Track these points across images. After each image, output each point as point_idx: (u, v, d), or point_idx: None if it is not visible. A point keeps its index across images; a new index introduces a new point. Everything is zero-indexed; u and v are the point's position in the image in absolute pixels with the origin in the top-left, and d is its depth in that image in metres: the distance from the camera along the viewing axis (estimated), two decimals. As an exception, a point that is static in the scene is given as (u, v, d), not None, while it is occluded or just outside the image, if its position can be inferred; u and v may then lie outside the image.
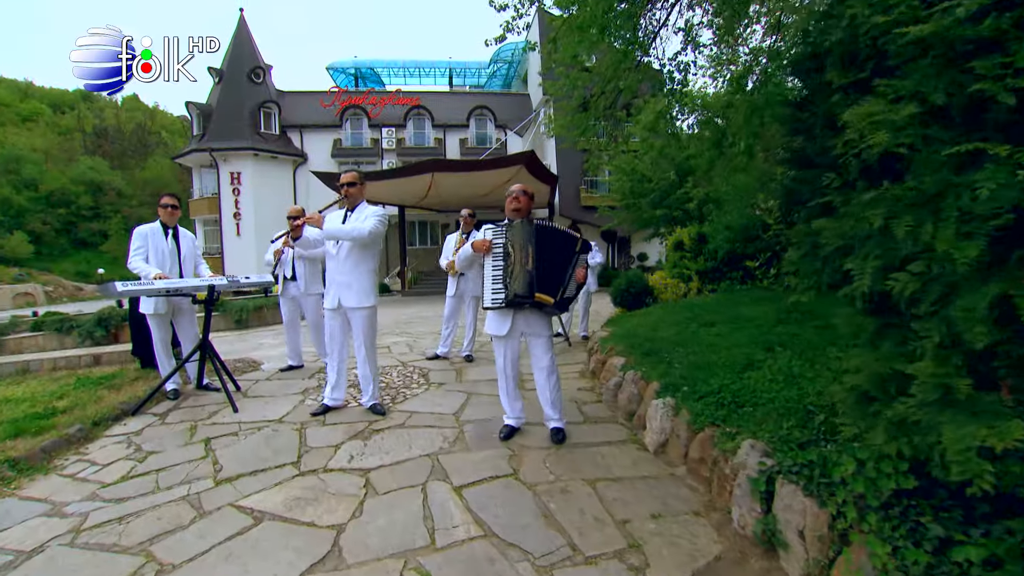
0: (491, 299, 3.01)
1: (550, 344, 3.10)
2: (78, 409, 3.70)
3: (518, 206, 3.07)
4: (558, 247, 2.98)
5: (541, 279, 2.90)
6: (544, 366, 3.08)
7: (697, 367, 3.14)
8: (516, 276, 2.92)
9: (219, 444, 3.14)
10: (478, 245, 3.09)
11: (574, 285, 2.96)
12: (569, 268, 2.96)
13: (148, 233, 4.06)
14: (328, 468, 2.73)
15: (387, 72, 29.22)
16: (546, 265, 2.92)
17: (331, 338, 3.66)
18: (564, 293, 2.94)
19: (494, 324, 3.13)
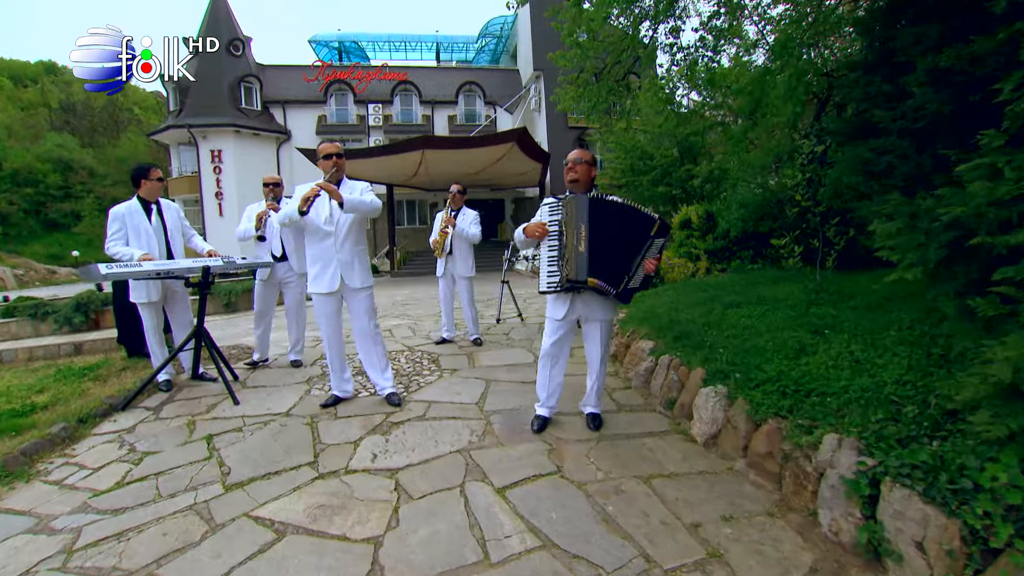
0: (546, 283, 2.73)
1: (608, 330, 2.87)
2: (61, 404, 3.36)
3: (575, 176, 2.75)
4: (622, 226, 2.63)
5: (597, 262, 2.59)
6: (599, 353, 2.85)
7: (744, 352, 2.91)
8: (569, 259, 2.63)
9: (223, 442, 2.84)
10: (531, 230, 2.75)
11: (641, 275, 2.63)
12: (638, 255, 2.62)
13: (125, 213, 3.62)
14: (350, 469, 2.46)
15: (372, 46, 28.11)
16: (604, 247, 2.59)
17: (328, 325, 3.34)
18: (628, 283, 2.63)
19: (552, 305, 2.88)
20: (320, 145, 3.24)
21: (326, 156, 3.12)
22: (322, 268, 3.23)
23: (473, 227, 5.05)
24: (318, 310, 3.33)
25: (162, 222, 3.76)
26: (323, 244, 3.22)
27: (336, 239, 3.19)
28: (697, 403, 2.74)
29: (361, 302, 3.30)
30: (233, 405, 3.44)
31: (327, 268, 3.22)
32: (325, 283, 3.24)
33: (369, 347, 3.38)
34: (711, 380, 2.79)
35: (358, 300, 3.29)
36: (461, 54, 31.24)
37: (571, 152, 2.82)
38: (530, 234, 2.78)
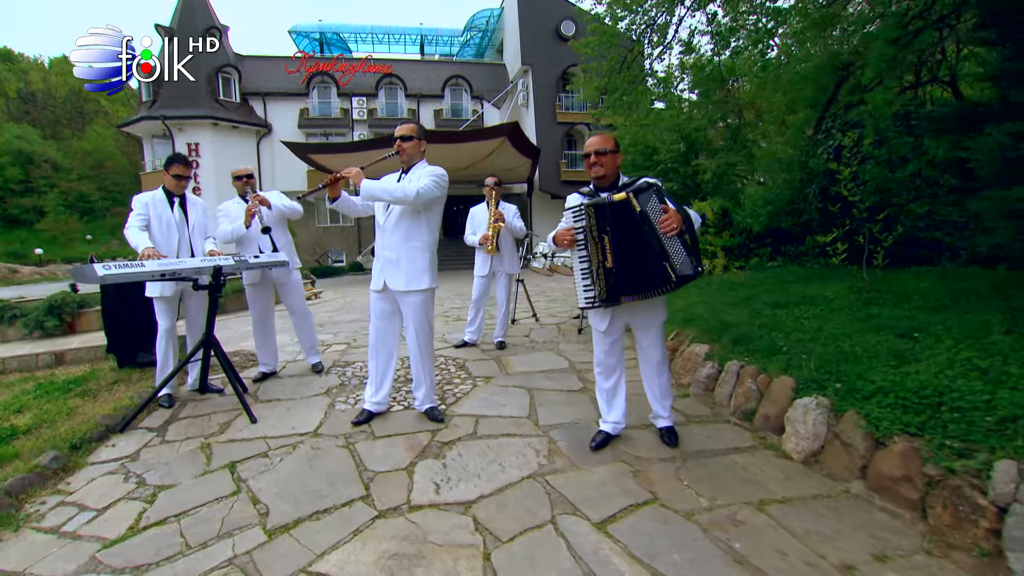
0: (583, 299, 2.40)
1: (662, 335, 2.55)
2: (46, 427, 2.89)
3: (601, 172, 2.38)
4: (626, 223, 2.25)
5: (629, 275, 2.27)
6: (655, 361, 2.55)
7: (833, 359, 2.64)
8: (599, 276, 2.32)
9: (249, 471, 2.43)
10: (560, 238, 2.40)
11: (674, 244, 2.20)
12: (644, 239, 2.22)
13: (150, 201, 3.32)
14: (415, 504, 2.10)
15: (354, 38, 27.29)
16: (632, 252, 2.25)
17: (374, 327, 2.97)
18: (674, 266, 2.22)
19: (593, 316, 2.59)
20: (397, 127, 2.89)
21: (393, 139, 2.81)
22: (375, 263, 2.96)
23: (517, 220, 4.73)
24: (370, 308, 3.01)
25: (185, 216, 3.39)
26: (378, 238, 2.93)
27: (384, 232, 2.83)
28: (791, 416, 2.46)
29: (410, 308, 2.91)
30: (250, 423, 3.03)
31: (376, 264, 2.93)
32: (373, 280, 2.94)
33: (417, 359, 3.00)
34: (804, 390, 2.51)
35: (407, 305, 2.92)
36: (445, 48, 30.64)
37: (591, 139, 2.42)
38: (559, 242, 2.42)
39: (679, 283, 2.29)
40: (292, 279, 4.00)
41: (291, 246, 4.00)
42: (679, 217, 2.18)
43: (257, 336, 3.99)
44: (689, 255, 2.26)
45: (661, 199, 2.23)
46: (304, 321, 4.10)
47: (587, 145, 2.42)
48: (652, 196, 2.23)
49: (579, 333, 5.56)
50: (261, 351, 4.00)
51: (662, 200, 2.22)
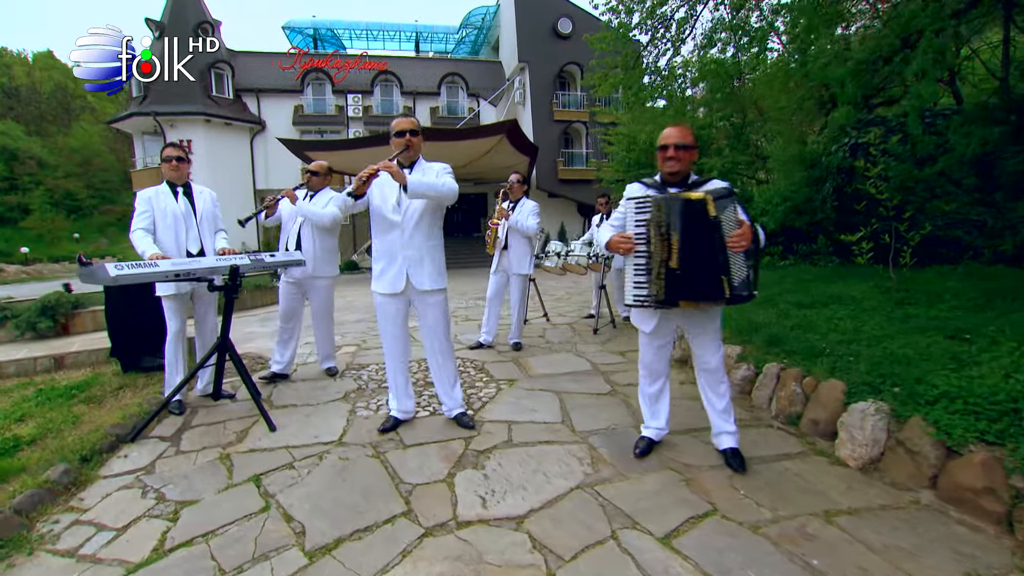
0: (632, 295, 2.26)
1: (719, 339, 2.40)
2: (52, 437, 2.71)
3: (676, 168, 2.21)
4: (699, 225, 2.10)
5: (692, 279, 2.11)
6: (712, 367, 2.39)
7: (890, 362, 2.54)
8: (658, 274, 2.15)
9: (276, 484, 2.28)
10: (615, 243, 2.25)
11: (738, 260, 2.10)
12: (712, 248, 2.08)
13: (152, 196, 3.12)
14: (463, 520, 1.96)
15: (348, 34, 26.98)
16: (695, 258, 2.09)
17: (390, 333, 2.81)
18: (732, 281, 2.10)
19: (638, 316, 2.45)
20: (394, 120, 2.71)
21: (398, 133, 2.61)
22: (387, 265, 2.72)
23: (531, 219, 4.57)
24: (380, 314, 2.81)
25: (192, 206, 3.20)
26: (389, 237, 2.70)
27: (403, 231, 2.67)
28: (846, 421, 2.36)
29: (432, 307, 2.78)
30: (269, 431, 2.87)
31: (391, 265, 2.70)
32: (388, 282, 2.72)
33: (440, 361, 2.86)
34: (857, 395, 2.41)
35: (428, 305, 2.78)
36: (441, 45, 30.41)
37: (668, 131, 2.24)
38: (615, 248, 2.29)
39: (731, 301, 2.17)
40: (320, 284, 3.87)
41: (325, 251, 3.84)
42: (751, 234, 2.06)
43: (279, 335, 3.87)
44: (748, 275, 2.15)
45: (740, 210, 2.10)
46: (328, 326, 3.97)
47: (664, 137, 2.24)
48: (730, 205, 2.10)
49: (595, 333, 5.45)
50: (280, 351, 3.85)
51: (740, 211, 2.10)
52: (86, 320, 6.61)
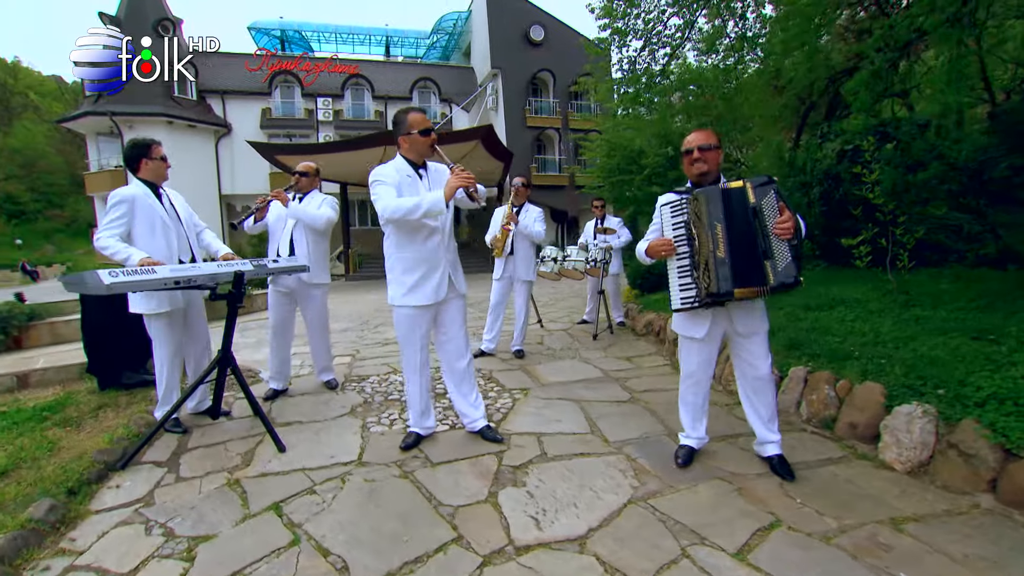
0: (679, 299, 2.23)
1: (767, 344, 2.32)
2: (28, 467, 2.39)
3: (704, 168, 2.22)
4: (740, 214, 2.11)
5: (742, 267, 2.09)
6: (761, 374, 2.31)
7: (926, 364, 2.54)
8: (707, 267, 2.13)
9: (299, 512, 2.06)
10: (655, 249, 2.26)
11: (781, 247, 2.04)
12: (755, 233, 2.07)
13: (135, 196, 2.74)
14: (521, 544, 1.80)
15: (317, 37, 26.34)
16: (744, 245, 2.09)
17: (423, 347, 2.64)
18: (776, 267, 2.06)
19: (686, 322, 2.36)
20: (411, 115, 2.53)
21: (424, 131, 2.45)
22: (426, 274, 2.52)
23: (537, 224, 4.48)
24: (408, 329, 2.59)
25: (175, 209, 2.89)
26: (429, 244, 2.52)
27: (444, 236, 2.54)
28: (890, 424, 2.33)
29: (460, 311, 2.67)
30: (278, 452, 2.63)
31: (433, 273, 2.52)
32: (429, 292, 2.52)
33: (463, 368, 2.71)
34: (899, 397, 2.39)
35: (460, 307, 2.67)
36: (411, 49, 30.12)
37: (692, 135, 2.27)
38: (655, 254, 2.28)
39: (774, 290, 2.11)
40: (315, 292, 3.60)
41: (320, 257, 3.59)
42: (794, 222, 2.02)
43: (272, 350, 3.58)
44: (794, 261, 2.07)
45: (779, 198, 2.05)
46: (324, 337, 3.71)
47: (687, 141, 2.25)
48: (771, 192, 2.06)
49: (594, 339, 5.38)
50: (276, 365, 3.58)
51: (779, 199, 2.05)
52: (42, 333, 6.09)
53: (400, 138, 2.54)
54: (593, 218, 6.23)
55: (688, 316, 2.33)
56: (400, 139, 2.54)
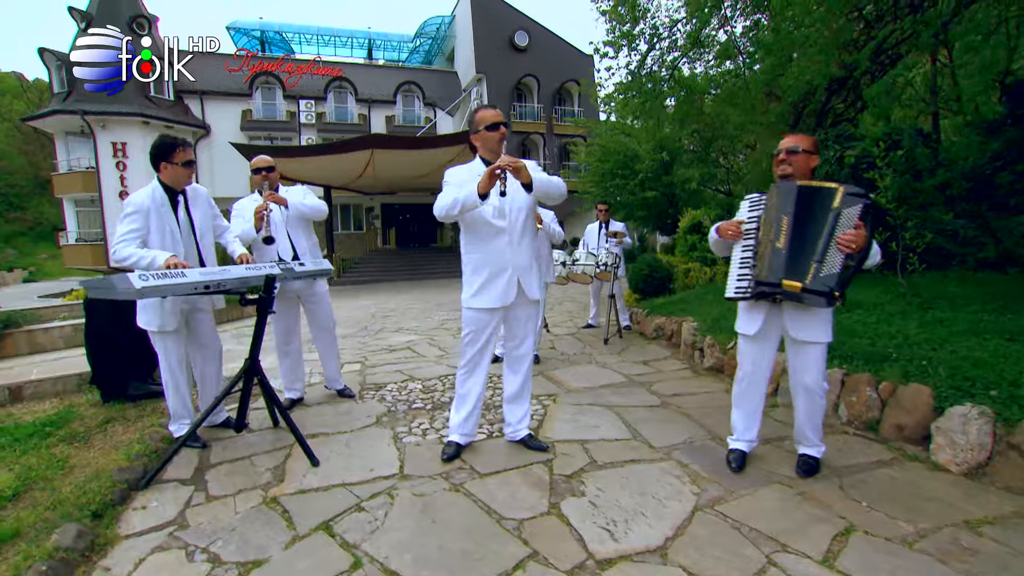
0: (733, 288, 2.28)
1: (821, 356, 2.24)
2: (42, 490, 2.19)
3: (787, 170, 2.23)
4: (815, 211, 2.13)
5: (797, 260, 2.10)
6: (807, 384, 2.25)
7: (968, 364, 2.56)
8: (762, 256, 2.18)
9: (353, 532, 1.93)
10: (724, 228, 2.35)
11: (836, 256, 2.03)
12: (821, 236, 2.07)
13: (149, 205, 2.57)
14: (601, 558, 1.72)
15: (298, 38, 25.89)
16: (807, 243, 2.10)
17: (480, 351, 2.53)
18: (819, 271, 2.05)
19: (742, 318, 2.37)
20: (480, 112, 2.44)
21: (491, 126, 2.35)
22: (492, 275, 2.42)
23: (555, 225, 4.41)
24: (473, 330, 2.50)
25: (190, 219, 2.70)
26: (494, 245, 2.41)
27: (511, 237, 2.40)
28: (943, 426, 2.34)
29: (533, 316, 2.58)
30: (312, 467, 2.48)
31: (500, 275, 2.41)
32: (496, 295, 2.42)
33: (526, 374, 2.62)
34: (948, 399, 2.40)
35: (530, 314, 2.56)
36: (393, 53, 29.88)
37: (784, 139, 2.30)
38: (723, 233, 2.35)
39: (807, 291, 2.07)
40: (320, 291, 3.45)
41: (316, 251, 3.45)
42: (862, 243, 2.00)
43: (282, 358, 3.41)
44: (839, 279, 2.04)
45: (864, 215, 2.02)
46: (333, 342, 3.55)
47: (780, 144, 2.29)
48: (859, 205, 2.03)
49: (605, 343, 5.34)
50: (288, 375, 3.41)
51: (864, 216, 2.02)
52: (19, 342, 5.76)
53: (472, 137, 2.46)
54: (596, 221, 6.22)
55: (744, 312, 2.35)
56: (472, 138, 2.46)
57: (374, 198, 23.23)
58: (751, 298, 2.25)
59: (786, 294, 2.14)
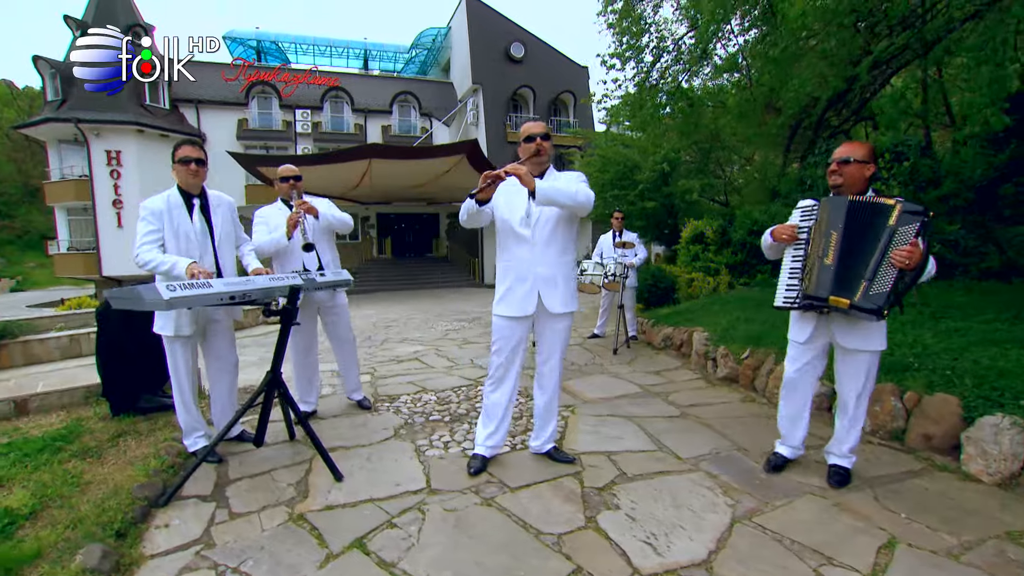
0: (782, 297, 2.30)
1: (868, 367, 2.24)
2: (59, 508, 2.11)
3: (838, 181, 2.23)
4: (867, 227, 2.11)
5: (845, 277, 2.10)
6: (849, 391, 2.28)
7: (994, 374, 2.57)
8: (811, 270, 2.20)
9: (388, 550, 1.88)
10: (778, 232, 2.35)
11: (890, 273, 2.03)
12: (874, 252, 2.07)
13: (164, 208, 2.51)
14: (647, 573, 1.69)
15: (294, 48, 25.88)
16: (857, 259, 2.10)
17: (507, 360, 2.50)
18: (869, 289, 2.06)
19: (793, 325, 2.42)
20: (524, 124, 2.45)
21: (527, 137, 2.35)
22: (514, 284, 2.40)
23: None
24: (499, 338, 2.48)
25: (208, 223, 2.64)
26: (517, 253, 2.39)
27: (534, 246, 2.37)
28: (974, 436, 2.34)
29: (557, 333, 2.48)
30: (335, 482, 2.43)
31: (521, 284, 2.39)
32: (516, 304, 2.40)
33: (553, 391, 2.57)
34: (977, 409, 2.41)
35: (553, 331, 2.48)
36: (389, 64, 30.01)
37: (839, 149, 2.26)
38: (777, 236, 2.36)
39: (854, 307, 2.08)
40: (340, 302, 3.42)
41: (337, 263, 3.42)
42: (918, 259, 1.97)
43: (299, 369, 3.36)
44: (888, 296, 2.03)
45: (920, 232, 2.00)
46: (353, 352, 3.51)
47: (833, 153, 2.27)
48: (916, 223, 2.00)
49: (615, 353, 5.32)
50: (304, 387, 3.36)
51: (920, 234, 2.00)
52: (14, 353, 5.65)
53: (519, 150, 2.45)
54: (609, 231, 6.22)
55: (795, 320, 2.39)
56: (519, 151, 2.45)
57: (369, 207, 23.16)
58: (798, 309, 2.28)
59: (834, 309, 2.15)
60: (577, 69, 26.67)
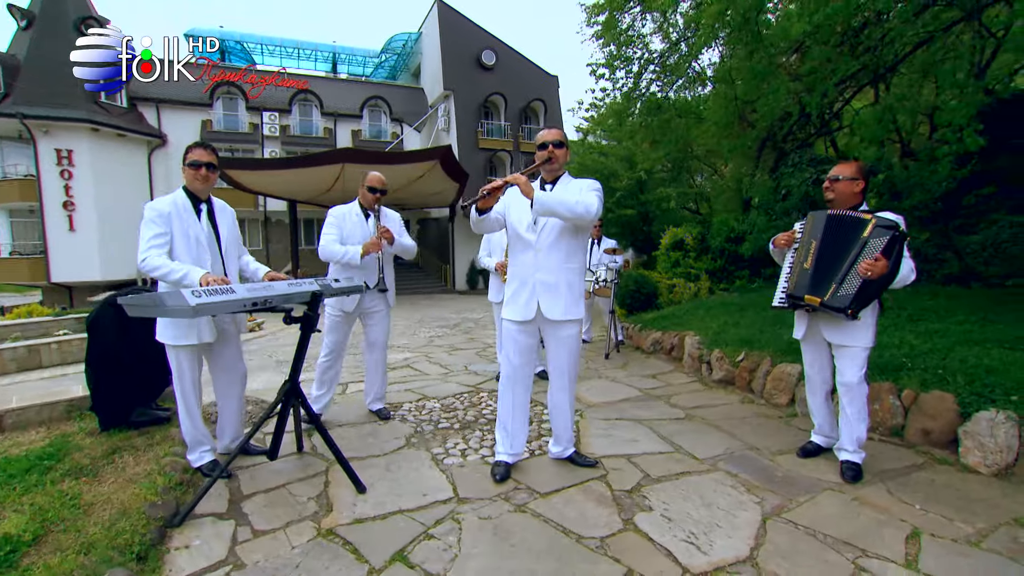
0: (776, 298, 2.61)
1: (860, 358, 2.41)
2: (63, 532, 1.95)
3: (830, 197, 2.52)
4: (843, 238, 2.39)
5: (818, 279, 2.41)
6: (846, 382, 2.44)
7: (983, 372, 2.76)
8: (794, 274, 2.53)
9: (431, 562, 1.84)
10: (778, 239, 2.68)
11: (856, 279, 2.26)
12: (846, 259, 2.31)
13: (172, 211, 2.38)
14: (697, 571, 1.72)
15: (260, 49, 25.13)
16: (829, 263, 2.40)
17: (515, 364, 2.50)
18: (837, 291, 2.31)
19: (796, 321, 2.67)
20: (540, 132, 2.47)
21: (540, 145, 2.38)
22: (518, 289, 2.45)
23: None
24: (506, 340, 2.51)
25: (214, 228, 2.53)
26: (522, 259, 2.44)
27: (537, 253, 2.38)
28: (971, 430, 2.50)
29: (563, 341, 2.46)
30: (358, 493, 2.36)
31: (523, 290, 2.42)
32: (519, 308, 2.44)
33: (565, 398, 2.57)
34: (972, 404, 2.58)
35: (558, 339, 2.46)
36: (358, 68, 29.57)
37: (832, 168, 2.57)
38: (776, 242, 2.69)
39: (825, 306, 2.36)
40: (385, 308, 3.42)
41: (392, 276, 3.46)
42: (884, 270, 2.20)
43: (323, 374, 3.33)
44: (855, 298, 2.28)
45: (889, 248, 2.21)
46: (383, 359, 3.50)
47: (831, 171, 2.54)
48: (886, 238, 2.23)
49: (606, 358, 5.40)
50: (322, 395, 3.32)
51: (889, 250, 2.21)
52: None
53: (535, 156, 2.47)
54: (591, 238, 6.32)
55: (795, 319, 2.65)
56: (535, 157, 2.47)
57: (340, 213, 22.71)
58: (787, 308, 2.57)
59: (809, 307, 2.45)
60: (548, 78, 27.01)
